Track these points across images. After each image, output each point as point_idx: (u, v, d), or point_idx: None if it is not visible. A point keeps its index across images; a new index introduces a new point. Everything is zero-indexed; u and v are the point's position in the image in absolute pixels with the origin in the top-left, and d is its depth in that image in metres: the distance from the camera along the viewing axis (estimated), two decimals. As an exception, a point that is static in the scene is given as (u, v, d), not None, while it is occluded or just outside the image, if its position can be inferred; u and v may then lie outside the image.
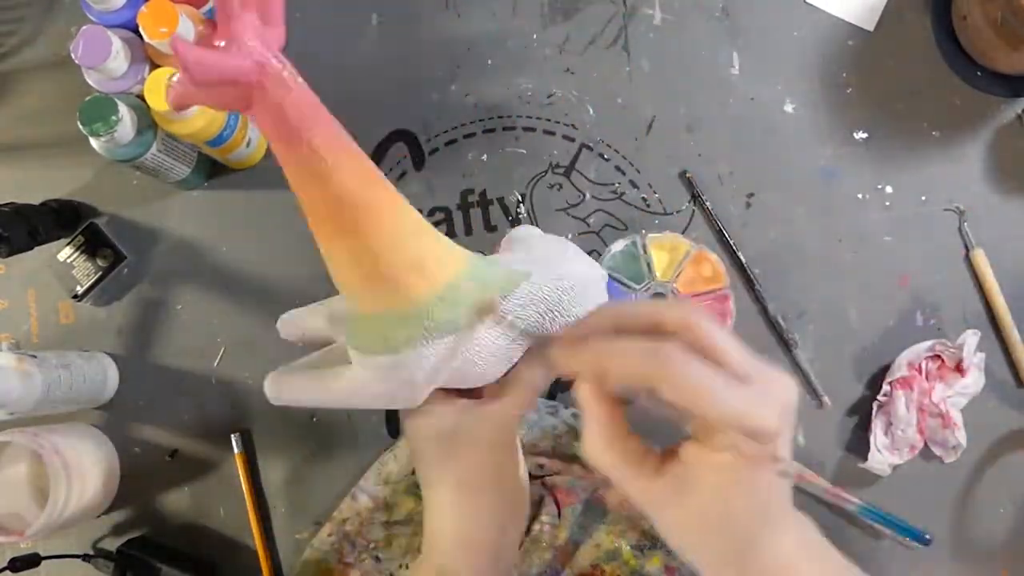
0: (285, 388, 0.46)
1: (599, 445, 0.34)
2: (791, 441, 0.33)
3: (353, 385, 0.43)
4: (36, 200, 0.69)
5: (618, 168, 0.70)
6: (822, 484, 0.33)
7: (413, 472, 0.63)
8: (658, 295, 0.65)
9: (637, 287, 0.65)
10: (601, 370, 0.32)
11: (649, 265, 0.65)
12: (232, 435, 0.67)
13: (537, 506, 0.61)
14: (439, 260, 0.41)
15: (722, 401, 0.30)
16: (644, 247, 0.65)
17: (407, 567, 0.61)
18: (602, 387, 0.33)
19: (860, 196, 0.69)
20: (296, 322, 0.51)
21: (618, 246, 0.66)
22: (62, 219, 0.69)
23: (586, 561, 0.60)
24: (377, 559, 0.62)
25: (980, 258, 0.67)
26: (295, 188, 0.39)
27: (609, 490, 0.62)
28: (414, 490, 0.63)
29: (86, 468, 0.64)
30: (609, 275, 0.65)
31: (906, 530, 0.33)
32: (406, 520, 0.63)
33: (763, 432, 0.31)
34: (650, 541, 0.60)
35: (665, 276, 0.65)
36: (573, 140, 0.70)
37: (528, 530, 0.60)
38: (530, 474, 0.62)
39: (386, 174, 0.73)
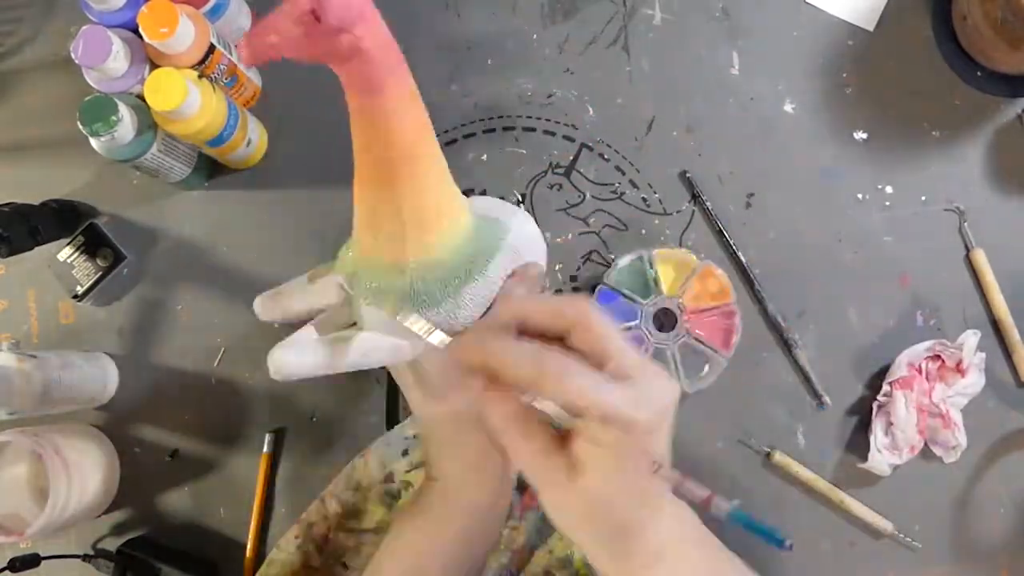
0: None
1: (501, 424, 0.36)
2: (668, 440, 0.35)
3: (365, 344, 0.45)
4: (36, 200, 0.69)
5: (618, 168, 0.70)
6: (699, 492, 0.34)
7: (384, 480, 0.63)
8: (664, 311, 0.64)
9: (644, 302, 0.64)
10: (494, 370, 0.34)
11: (656, 280, 0.65)
12: (267, 434, 0.67)
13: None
14: (458, 208, 0.45)
15: (597, 398, 0.32)
16: (651, 262, 0.65)
17: None
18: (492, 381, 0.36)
19: (860, 196, 0.69)
20: (277, 302, 0.53)
21: (624, 261, 0.65)
22: (62, 219, 0.69)
23: (539, 567, 0.60)
24: (345, 566, 0.61)
25: (980, 258, 0.67)
26: (360, 135, 0.41)
27: None
28: (386, 499, 0.63)
29: (86, 468, 0.64)
30: (615, 290, 0.65)
31: (770, 537, 0.34)
32: (375, 529, 0.62)
33: (634, 426, 0.32)
34: None
35: (672, 291, 0.65)
36: (573, 140, 0.70)
37: None
38: None
39: (386, 174, 0.73)
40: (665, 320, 0.64)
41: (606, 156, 0.70)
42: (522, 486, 0.61)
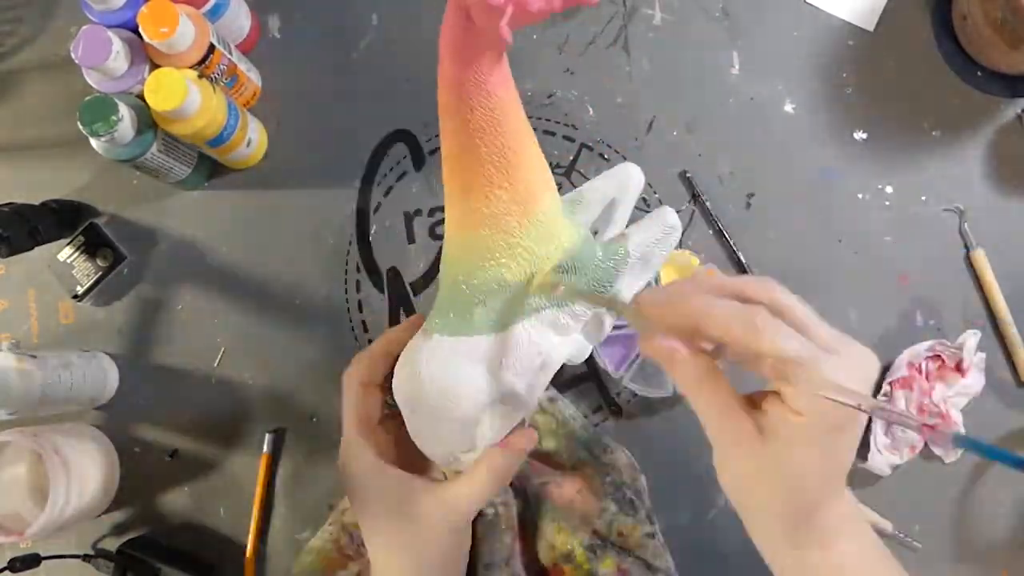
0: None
1: (694, 380, 0.36)
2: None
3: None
4: (36, 200, 0.69)
5: (618, 168, 0.70)
6: (915, 420, 0.34)
7: None
8: None
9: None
10: (695, 326, 0.34)
11: (656, 281, 0.64)
12: (267, 434, 0.67)
13: None
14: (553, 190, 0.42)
15: (809, 358, 0.32)
16: None
17: None
18: (687, 340, 0.36)
19: (860, 196, 0.69)
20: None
21: None
22: (62, 219, 0.69)
23: (547, 560, 0.60)
24: None
25: (980, 258, 0.67)
26: (476, 126, 0.39)
27: (557, 486, 0.61)
28: None
29: (86, 468, 0.64)
30: None
31: (1005, 457, 0.33)
32: None
33: (839, 394, 0.32)
34: (602, 541, 0.60)
35: None
36: (573, 140, 0.70)
37: (480, 515, 0.59)
38: None
39: (386, 174, 0.74)
40: None
41: (606, 156, 0.70)
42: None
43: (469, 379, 0.40)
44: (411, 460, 0.44)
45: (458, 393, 0.40)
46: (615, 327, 0.63)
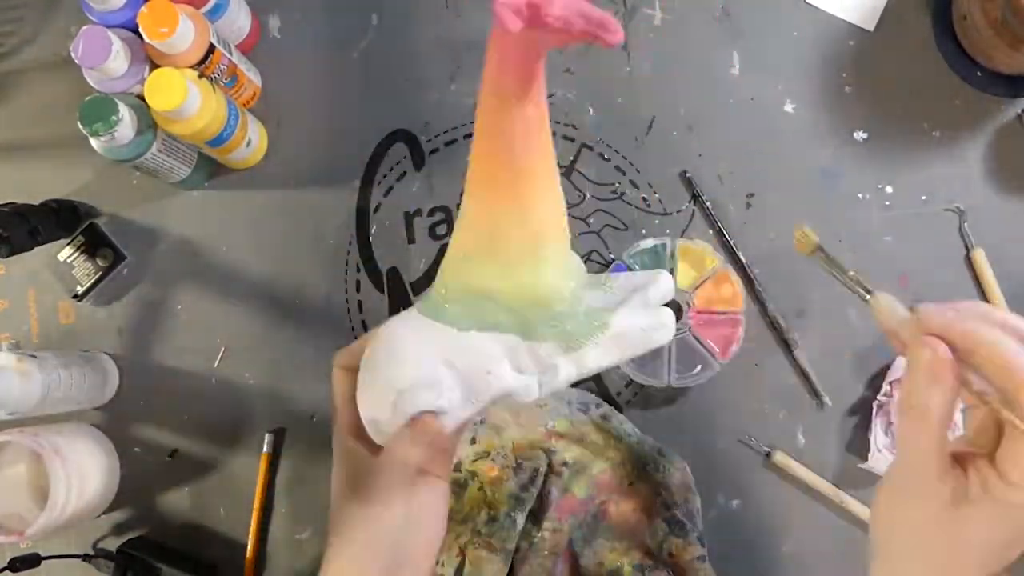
0: None
1: (933, 412, 0.33)
2: None
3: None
4: (36, 200, 0.69)
5: (618, 168, 0.70)
6: None
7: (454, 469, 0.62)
8: (672, 301, 0.64)
9: None
10: (971, 348, 0.32)
11: (672, 270, 0.64)
12: (267, 434, 0.67)
13: (540, 507, 0.61)
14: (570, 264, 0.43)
15: None
16: (672, 252, 0.64)
17: (442, 564, 0.60)
18: (957, 367, 0.33)
19: (860, 196, 0.69)
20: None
21: (647, 243, 0.65)
22: (62, 219, 0.69)
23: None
24: None
25: (980, 258, 0.67)
26: (503, 137, 0.39)
27: (614, 504, 0.62)
28: (453, 488, 0.62)
29: (86, 468, 0.64)
30: (630, 268, 0.64)
31: None
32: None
33: None
34: (653, 561, 0.60)
35: (682, 284, 0.64)
36: (573, 140, 0.70)
37: (530, 538, 0.60)
38: (547, 469, 0.62)
39: (386, 174, 0.74)
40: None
41: (606, 156, 0.70)
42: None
43: (417, 352, 0.41)
44: None
45: (402, 357, 0.41)
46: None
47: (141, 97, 0.60)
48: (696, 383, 0.64)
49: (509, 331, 0.42)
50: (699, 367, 0.64)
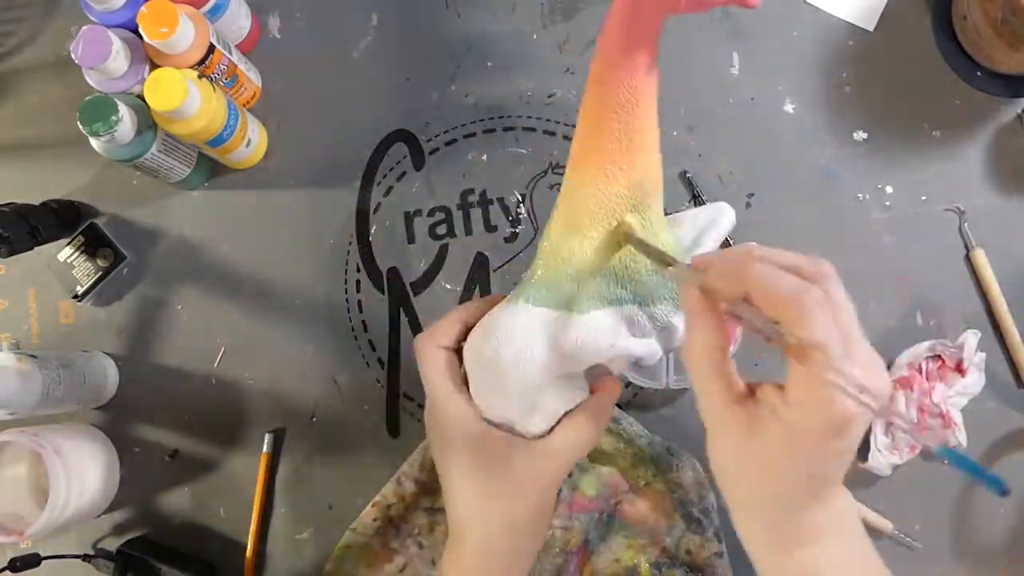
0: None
1: (702, 349, 0.35)
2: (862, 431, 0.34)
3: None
4: (36, 200, 0.69)
5: (618, 168, 0.70)
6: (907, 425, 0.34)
7: None
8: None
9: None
10: (744, 292, 0.34)
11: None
12: (266, 435, 0.67)
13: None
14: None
15: (840, 363, 0.31)
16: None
17: None
18: (715, 306, 0.35)
19: (860, 196, 0.69)
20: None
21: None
22: (62, 219, 0.69)
23: (605, 573, 0.60)
24: (420, 545, 0.62)
25: (980, 258, 0.67)
26: (623, 105, 0.41)
27: (630, 503, 0.62)
28: None
29: (86, 468, 0.64)
30: None
31: (984, 476, 0.33)
32: None
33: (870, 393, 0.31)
34: (669, 559, 0.60)
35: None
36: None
37: None
38: None
39: (386, 174, 0.74)
40: None
41: (606, 156, 0.70)
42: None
43: (542, 347, 0.41)
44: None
45: (530, 358, 0.41)
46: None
47: (141, 97, 0.60)
48: (689, 386, 0.63)
49: (627, 303, 0.42)
50: None
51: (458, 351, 0.45)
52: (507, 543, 0.43)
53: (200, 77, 0.61)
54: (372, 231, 0.70)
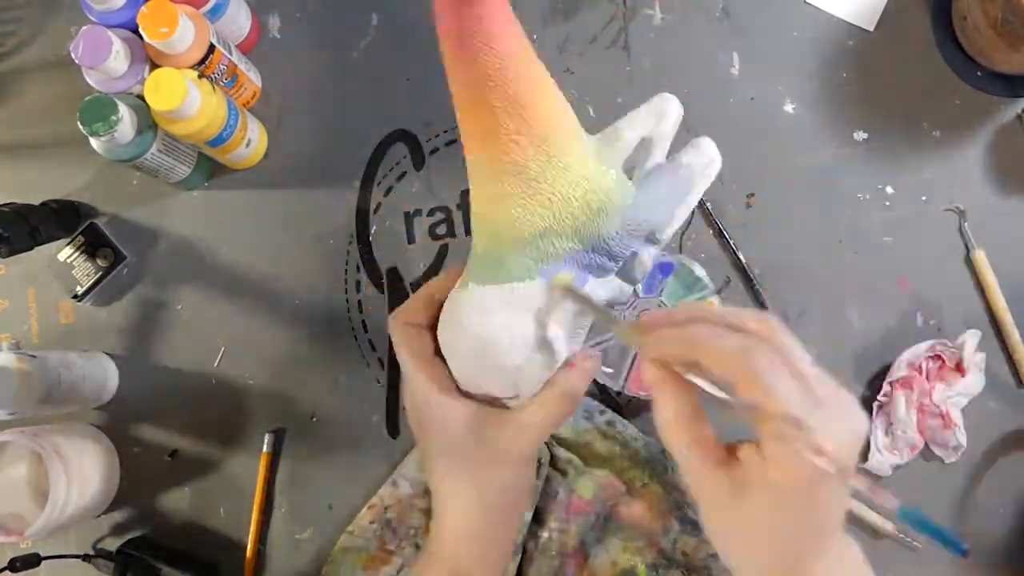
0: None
1: (672, 419, 0.34)
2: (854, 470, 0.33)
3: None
4: (36, 200, 0.69)
5: (618, 168, 0.70)
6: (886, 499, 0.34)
7: None
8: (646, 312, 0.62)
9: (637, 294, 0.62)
10: (691, 357, 0.33)
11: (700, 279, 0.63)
12: (266, 434, 0.67)
13: (544, 506, 0.61)
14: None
15: (798, 415, 0.30)
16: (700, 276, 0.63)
17: None
18: (675, 373, 0.35)
19: (860, 196, 0.69)
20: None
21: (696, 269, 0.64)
22: (62, 219, 0.69)
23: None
24: (417, 547, 0.62)
25: (980, 258, 0.67)
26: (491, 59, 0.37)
27: (626, 506, 0.62)
28: None
29: (86, 468, 0.64)
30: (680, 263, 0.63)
31: (945, 540, 0.33)
32: None
33: (829, 455, 0.31)
34: (666, 561, 0.60)
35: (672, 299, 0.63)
36: (573, 140, 0.70)
37: (536, 538, 0.60)
38: (550, 464, 0.62)
39: (386, 174, 0.74)
40: None
41: (606, 156, 0.70)
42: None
43: (507, 327, 0.40)
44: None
45: (497, 342, 0.40)
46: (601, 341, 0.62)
47: (141, 97, 0.60)
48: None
49: (579, 250, 0.39)
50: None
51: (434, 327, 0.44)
52: (480, 519, 0.43)
53: (200, 77, 0.61)
54: (372, 231, 0.70)
